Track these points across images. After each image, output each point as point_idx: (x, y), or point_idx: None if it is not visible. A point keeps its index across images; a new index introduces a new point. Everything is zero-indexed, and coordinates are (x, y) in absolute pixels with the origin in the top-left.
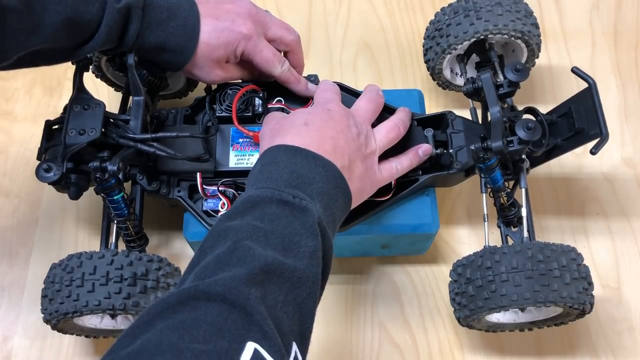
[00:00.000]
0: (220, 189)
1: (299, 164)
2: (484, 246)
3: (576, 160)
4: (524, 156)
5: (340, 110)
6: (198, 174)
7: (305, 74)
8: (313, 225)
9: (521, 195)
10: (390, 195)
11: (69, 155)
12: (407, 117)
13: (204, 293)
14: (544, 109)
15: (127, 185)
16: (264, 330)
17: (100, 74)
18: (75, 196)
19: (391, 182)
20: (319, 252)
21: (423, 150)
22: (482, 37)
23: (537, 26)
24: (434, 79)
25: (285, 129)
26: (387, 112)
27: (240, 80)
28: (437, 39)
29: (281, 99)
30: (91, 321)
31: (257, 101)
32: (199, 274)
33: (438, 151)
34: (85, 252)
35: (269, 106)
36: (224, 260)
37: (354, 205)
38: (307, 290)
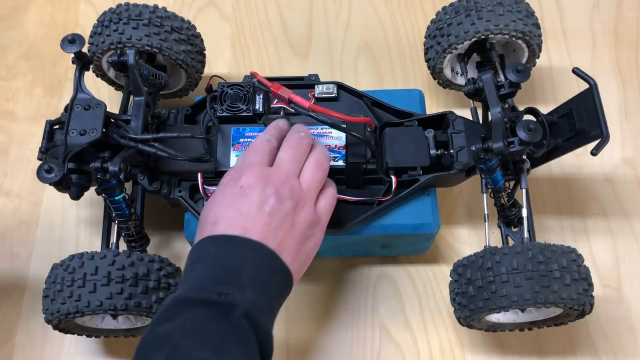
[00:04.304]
0: None
1: (226, 254)
2: (485, 246)
3: (576, 160)
4: (524, 157)
5: (254, 183)
6: (199, 174)
7: (305, 74)
8: (240, 322)
9: (522, 196)
10: (390, 195)
11: (70, 156)
12: (324, 150)
13: None
14: (544, 109)
15: (128, 185)
16: None
17: (100, 74)
18: (76, 196)
19: (392, 182)
20: (252, 348)
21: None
22: (483, 36)
23: (538, 26)
24: (434, 78)
25: (210, 217)
26: (388, 112)
27: (240, 81)
28: (438, 38)
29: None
30: (92, 321)
31: (258, 100)
32: None
33: (439, 152)
34: (87, 252)
35: (272, 105)
36: None
37: (304, 268)
38: None
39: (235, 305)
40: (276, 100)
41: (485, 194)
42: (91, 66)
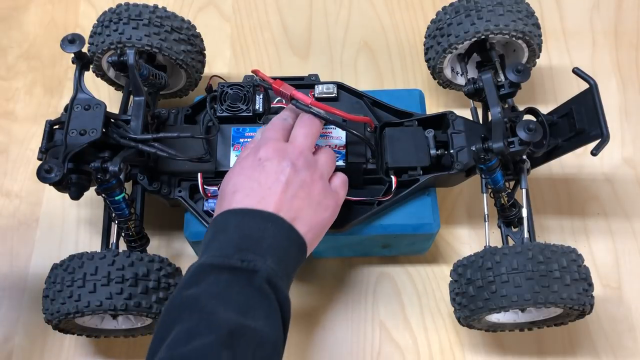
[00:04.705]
0: None
1: (247, 225)
2: (485, 246)
3: (577, 160)
4: (524, 157)
5: (271, 155)
6: (199, 174)
7: (305, 74)
8: (262, 286)
9: (522, 196)
10: (391, 195)
11: (70, 155)
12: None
13: None
14: (544, 109)
15: (128, 185)
16: None
17: (100, 74)
18: (76, 196)
19: (392, 182)
20: (274, 310)
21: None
22: (483, 36)
23: (538, 26)
24: (434, 78)
25: (229, 187)
26: (388, 112)
27: (241, 81)
28: (438, 38)
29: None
30: (92, 321)
31: (258, 100)
32: (171, 346)
33: (439, 152)
34: (87, 252)
35: (272, 105)
36: (193, 329)
37: (317, 240)
38: (271, 347)
39: (258, 271)
40: (277, 99)
41: (485, 194)
42: (91, 66)
